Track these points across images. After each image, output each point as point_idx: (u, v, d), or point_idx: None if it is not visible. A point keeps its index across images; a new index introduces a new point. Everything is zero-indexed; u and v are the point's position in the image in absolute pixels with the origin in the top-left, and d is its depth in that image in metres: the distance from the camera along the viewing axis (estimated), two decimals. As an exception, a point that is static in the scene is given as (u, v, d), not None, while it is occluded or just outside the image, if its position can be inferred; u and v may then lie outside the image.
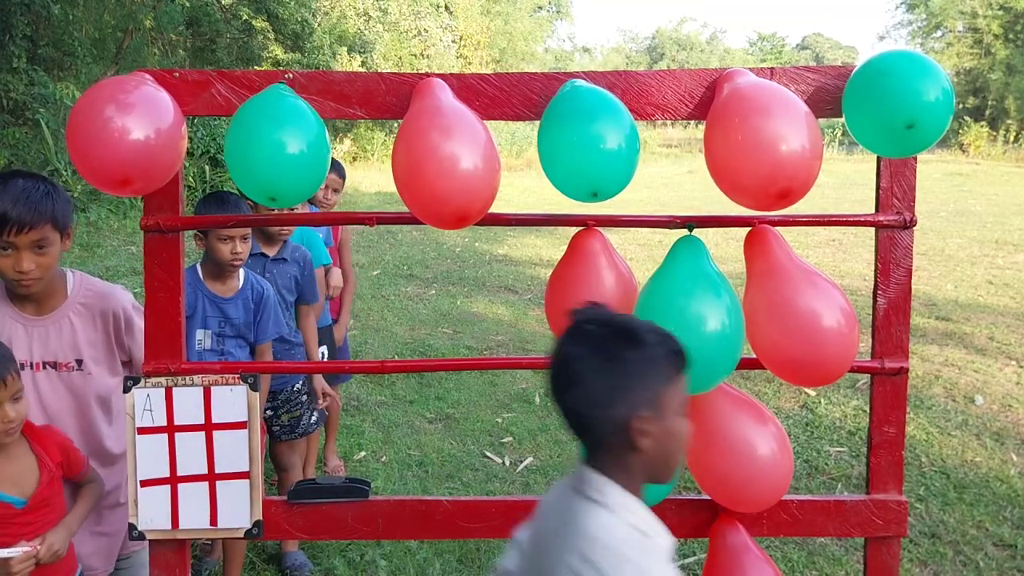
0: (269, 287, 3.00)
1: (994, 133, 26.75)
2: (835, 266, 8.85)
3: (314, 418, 3.41)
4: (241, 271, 2.92)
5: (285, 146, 1.59)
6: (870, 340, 1.94)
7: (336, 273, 3.94)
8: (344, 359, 4.12)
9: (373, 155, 21.26)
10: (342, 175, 4.05)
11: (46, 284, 2.06)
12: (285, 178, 1.62)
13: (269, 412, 3.25)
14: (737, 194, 1.65)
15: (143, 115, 1.60)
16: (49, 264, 2.02)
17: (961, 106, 29.56)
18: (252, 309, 2.90)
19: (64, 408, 2.11)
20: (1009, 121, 27.08)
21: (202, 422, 1.90)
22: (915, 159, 1.87)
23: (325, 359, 3.75)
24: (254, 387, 1.91)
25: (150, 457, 1.89)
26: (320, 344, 3.89)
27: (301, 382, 3.33)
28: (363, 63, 21.26)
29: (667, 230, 1.91)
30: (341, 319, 4.08)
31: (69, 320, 2.12)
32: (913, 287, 1.92)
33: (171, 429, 1.89)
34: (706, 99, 1.83)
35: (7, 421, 1.82)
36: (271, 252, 3.30)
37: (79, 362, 2.12)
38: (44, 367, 2.09)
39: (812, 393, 5.00)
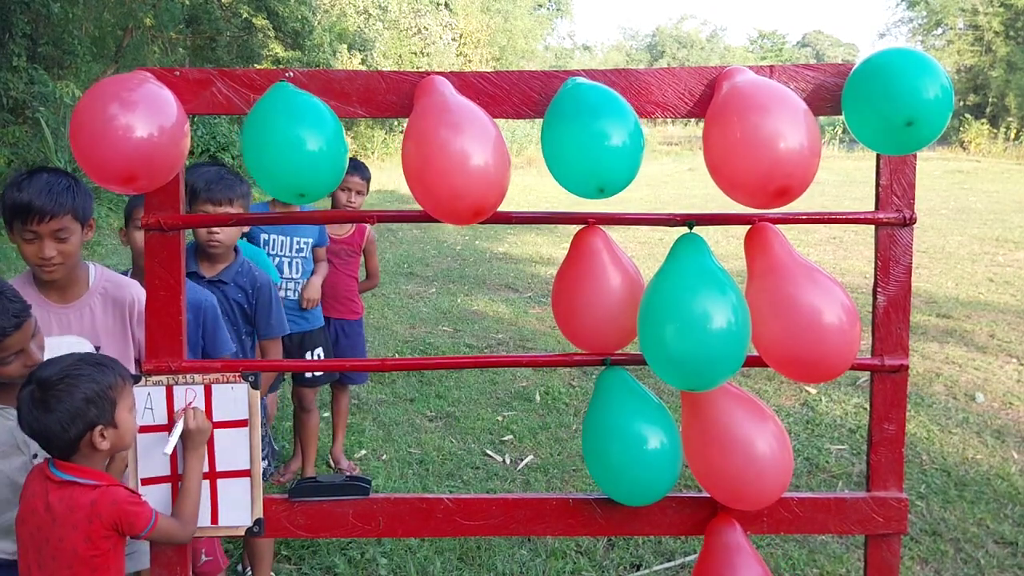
0: (213, 301, 2.53)
1: (995, 130, 26.75)
2: (836, 264, 8.86)
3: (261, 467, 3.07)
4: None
5: (307, 142, 1.61)
6: (870, 338, 1.95)
7: (313, 286, 3.68)
8: (361, 356, 4.09)
9: (373, 153, 21.26)
10: (366, 177, 3.82)
11: (68, 272, 2.17)
12: (311, 173, 1.63)
13: None
14: (735, 192, 1.65)
15: (147, 112, 1.62)
16: (70, 252, 2.13)
17: (962, 103, 29.58)
18: (191, 327, 2.40)
19: None
20: (1010, 118, 27.07)
21: (203, 420, 1.90)
22: (915, 156, 1.87)
23: (321, 359, 3.68)
24: (255, 385, 1.92)
25: (151, 455, 1.89)
26: (315, 347, 3.74)
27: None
28: (363, 61, 21.26)
29: (668, 228, 1.91)
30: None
31: (90, 308, 2.22)
32: (914, 285, 1.92)
33: (172, 427, 1.89)
34: (706, 97, 1.83)
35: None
36: (209, 272, 2.78)
37: (97, 348, 2.18)
38: None
39: (813, 391, 5.00)
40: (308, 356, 3.71)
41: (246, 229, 3.35)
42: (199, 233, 2.75)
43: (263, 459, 2.97)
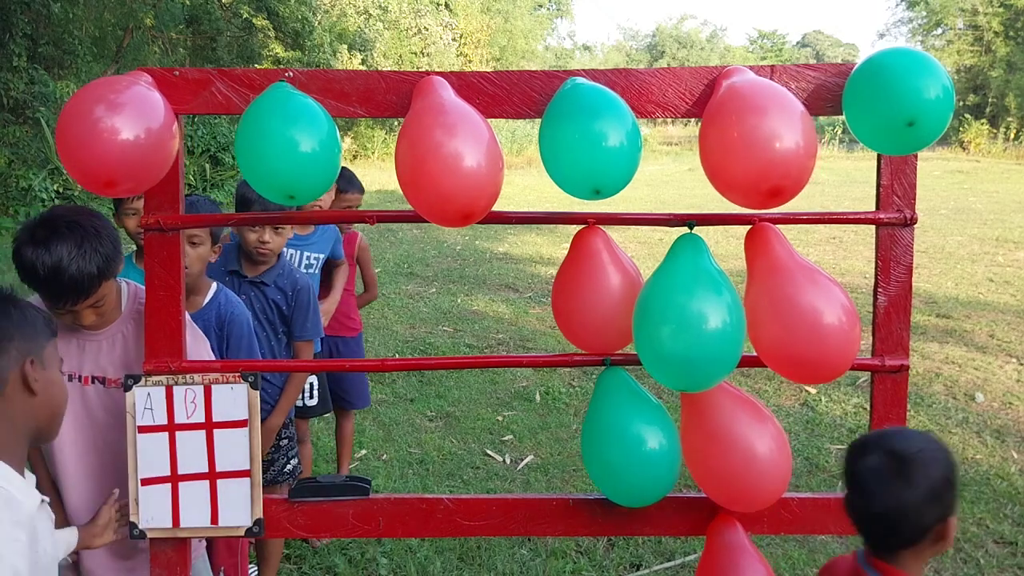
0: (243, 309, 2.56)
1: (995, 130, 26.75)
2: (836, 264, 8.85)
3: (290, 466, 2.95)
4: (213, 284, 2.55)
5: (299, 143, 1.60)
6: (871, 338, 1.94)
7: (330, 300, 3.48)
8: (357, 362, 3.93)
9: (373, 153, 21.26)
10: (360, 189, 3.54)
11: None
12: (302, 175, 1.62)
13: None
14: (729, 191, 1.65)
15: (131, 115, 1.60)
16: (108, 310, 2.00)
17: (962, 103, 29.56)
18: (216, 334, 2.47)
19: (112, 423, 2.02)
20: (1009, 118, 27.06)
21: (203, 420, 1.90)
22: (915, 157, 1.87)
23: (315, 388, 3.44)
24: (254, 385, 1.91)
25: (151, 456, 1.89)
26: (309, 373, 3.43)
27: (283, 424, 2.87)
28: (363, 61, 21.25)
29: (668, 228, 1.91)
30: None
31: (122, 335, 2.07)
32: (914, 285, 1.92)
33: (171, 428, 1.89)
34: (706, 97, 1.82)
35: None
36: (251, 272, 2.85)
37: (128, 378, 2.05)
38: (93, 381, 2.04)
39: (812, 391, 5.00)
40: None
41: (290, 234, 3.09)
42: (248, 241, 2.75)
43: (292, 458, 2.99)
